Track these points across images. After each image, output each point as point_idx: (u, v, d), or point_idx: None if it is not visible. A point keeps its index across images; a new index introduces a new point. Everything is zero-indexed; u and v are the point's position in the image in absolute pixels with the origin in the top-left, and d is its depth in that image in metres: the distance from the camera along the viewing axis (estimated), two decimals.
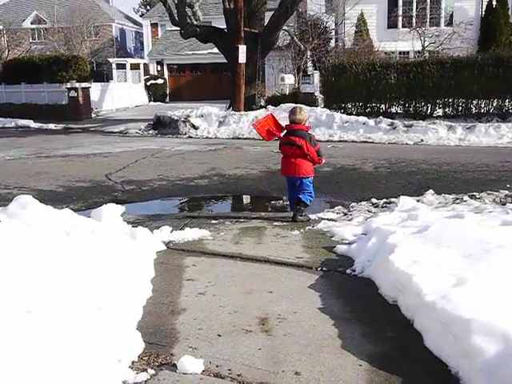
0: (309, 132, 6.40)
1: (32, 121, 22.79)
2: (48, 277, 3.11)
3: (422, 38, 25.86)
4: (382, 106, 18.56)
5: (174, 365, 2.96)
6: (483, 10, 28.41)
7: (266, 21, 20.48)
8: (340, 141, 15.24)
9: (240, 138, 16.65)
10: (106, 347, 2.87)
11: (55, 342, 2.57)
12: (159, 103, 32.30)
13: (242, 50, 18.55)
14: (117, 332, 3.08)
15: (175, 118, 18.73)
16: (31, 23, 46.98)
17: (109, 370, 2.74)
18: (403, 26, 28.24)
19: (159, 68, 35.43)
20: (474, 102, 17.62)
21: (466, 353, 2.83)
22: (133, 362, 2.99)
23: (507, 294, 3.24)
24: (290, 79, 22.32)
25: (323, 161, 6.56)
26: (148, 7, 53.74)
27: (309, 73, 27.94)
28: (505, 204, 6.83)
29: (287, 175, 6.54)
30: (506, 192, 7.65)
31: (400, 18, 28.80)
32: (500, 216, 5.47)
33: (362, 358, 3.07)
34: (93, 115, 25.55)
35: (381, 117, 16.90)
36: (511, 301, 3.15)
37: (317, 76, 23.95)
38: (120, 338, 3.05)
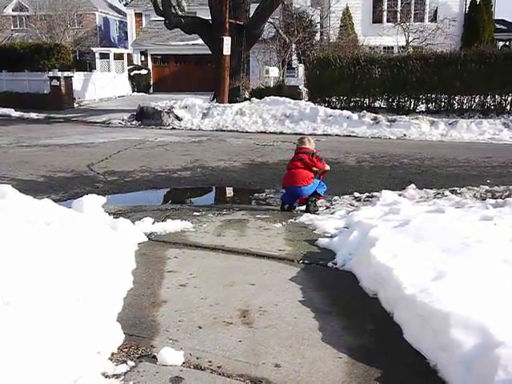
0: (314, 152, 6.78)
1: (13, 109, 22.39)
2: (27, 267, 3.07)
3: (407, 33, 25.98)
4: (366, 100, 18.66)
5: (154, 357, 2.96)
6: (467, 6, 28.65)
7: (252, 13, 20.41)
8: (323, 134, 15.24)
9: (224, 130, 16.58)
10: (85, 339, 2.85)
11: (33, 333, 2.54)
12: (143, 94, 32.00)
13: (227, 41, 18.47)
14: (96, 323, 3.06)
15: (159, 109, 18.59)
16: (13, 10, 46.20)
17: (88, 362, 2.72)
18: (388, 21, 28.40)
19: (143, 58, 35.05)
20: (457, 97, 17.79)
21: (445, 346, 2.86)
22: (112, 354, 2.98)
23: (485, 288, 3.28)
24: (274, 72, 22.26)
25: (327, 166, 6.82)
26: None
27: (293, 66, 27.91)
28: (485, 199, 6.92)
29: (286, 185, 6.76)
30: (487, 187, 7.75)
31: (385, 13, 28.95)
32: (480, 211, 5.54)
33: (342, 350, 3.09)
34: (75, 105, 25.20)
35: (364, 111, 16.96)
36: (489, 295, 3.19)
37: (301, 69, 23.92)
38: (99, 329, 3.03)
